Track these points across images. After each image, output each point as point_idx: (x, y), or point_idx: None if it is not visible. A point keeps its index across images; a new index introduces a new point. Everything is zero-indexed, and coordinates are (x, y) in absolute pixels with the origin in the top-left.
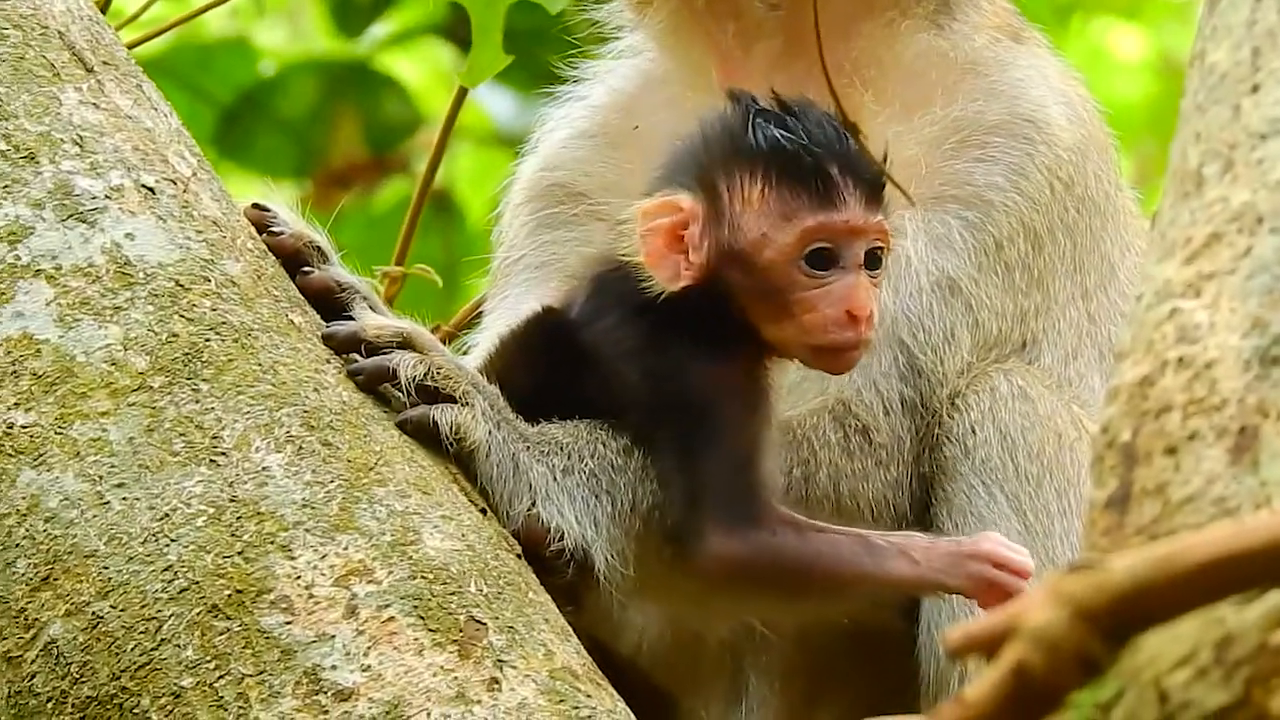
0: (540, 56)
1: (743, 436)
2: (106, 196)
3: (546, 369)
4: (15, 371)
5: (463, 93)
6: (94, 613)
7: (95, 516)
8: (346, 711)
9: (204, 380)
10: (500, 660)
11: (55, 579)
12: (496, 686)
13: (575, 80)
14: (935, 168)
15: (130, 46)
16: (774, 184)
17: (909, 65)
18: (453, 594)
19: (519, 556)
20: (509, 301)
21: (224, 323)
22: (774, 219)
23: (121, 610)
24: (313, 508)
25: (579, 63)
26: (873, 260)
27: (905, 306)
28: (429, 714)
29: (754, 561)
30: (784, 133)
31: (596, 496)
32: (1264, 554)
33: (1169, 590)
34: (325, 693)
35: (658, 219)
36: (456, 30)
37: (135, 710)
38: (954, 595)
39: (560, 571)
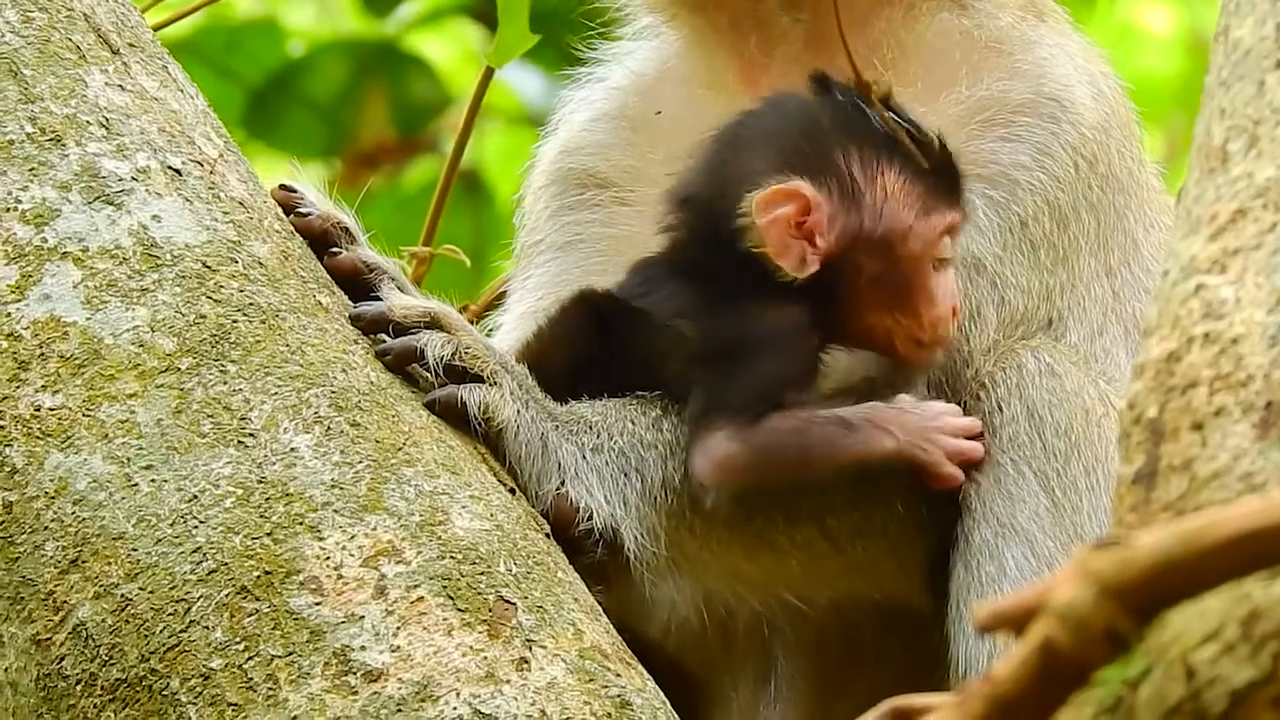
0: (568, 37)
1: (783, 369)
2: (133, 178)
3: (587, 349)
4: (43, 354)
5: (489, 73)
6: (123, 595)
7: (123, 499)
8: (376, 692)
9: (232, 361)
10: (529, 640)
11: (84, 561)
12: (526, 666)
13: (595, 62)
14: (960, 147)
15: (158, 28)
16: (912, 176)
17: (931, 45)
18: (481, 574)
19: (548, 536)
20: (531, 283)
21: (251, 304)
22: (918, 212)
23: (150, 592)
24: (341, 488)
25: (599, 44)
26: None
27: None
28: (458, 694)
29: (742, 466)
30: (907, 122)
31: (625, 474)
32: None
33: (1195, 566)
34: (354, 673)
35: (778, 208)
36: (485, 10)
37: (164, 692)
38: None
39: (589, 550)
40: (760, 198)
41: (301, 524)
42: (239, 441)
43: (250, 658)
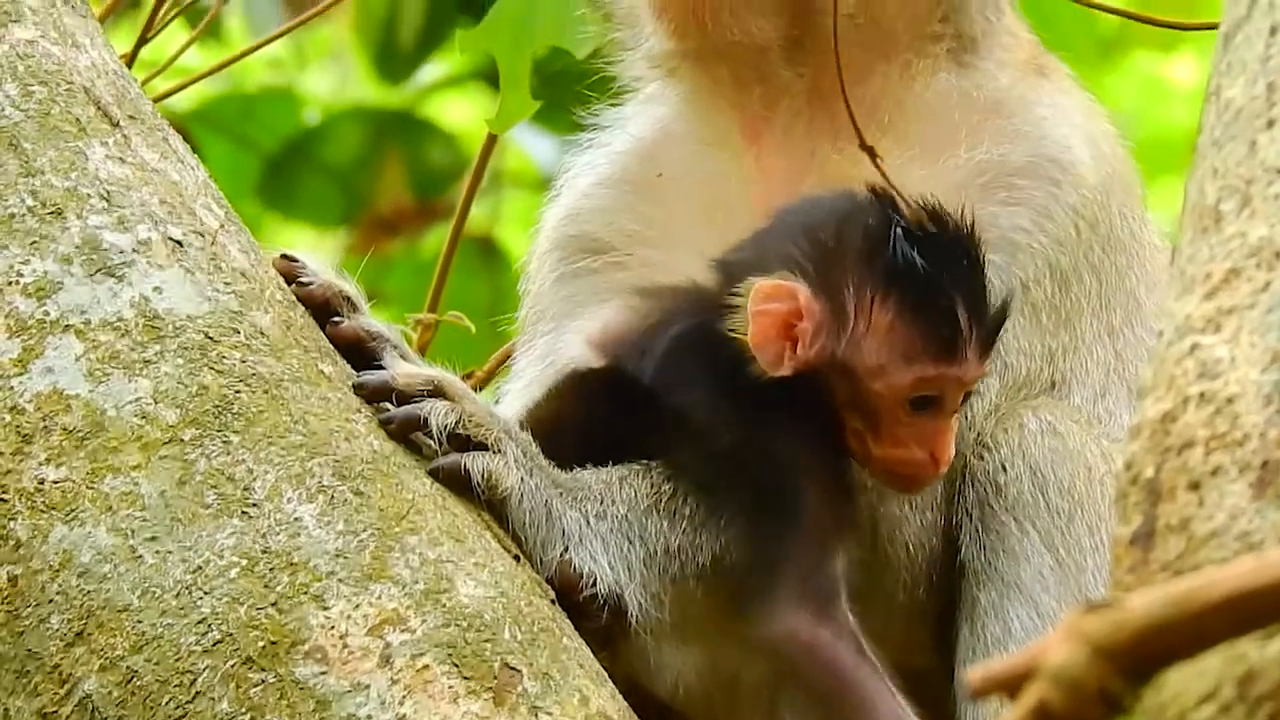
0: (577, 100)
1: (824, 523)
2: (134, 250)
3: (602, 424)
4: (46, 427)
5: (492, 139)
6: (128, 667)
7: (128, 571)
8: None
9: (234, 432)
10: (535, 706)
11: (89, 634)
12: None
13: (599, 126)
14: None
15: (165, 96)
16: (904, 319)
17: (929, 106)
18: (487, 641)
19: (553, 602)
20: (535, 352)
21: (254, 374)
22: (896, 355)
23: (156, 664)
24: (345, 557)
25: (602, 109)
26: (964, 400)
27: None
28: None
29: (813, 651)
30: (924, 261)
31: (630, 541)
32: None
33: (1190, 627)
34: None
35: (772, 303)
36: (497, 75)
37: None
38: None
39: (594, 616)
40: (760, 287)
41: (306, 593)
42: (243, 512)
43: None
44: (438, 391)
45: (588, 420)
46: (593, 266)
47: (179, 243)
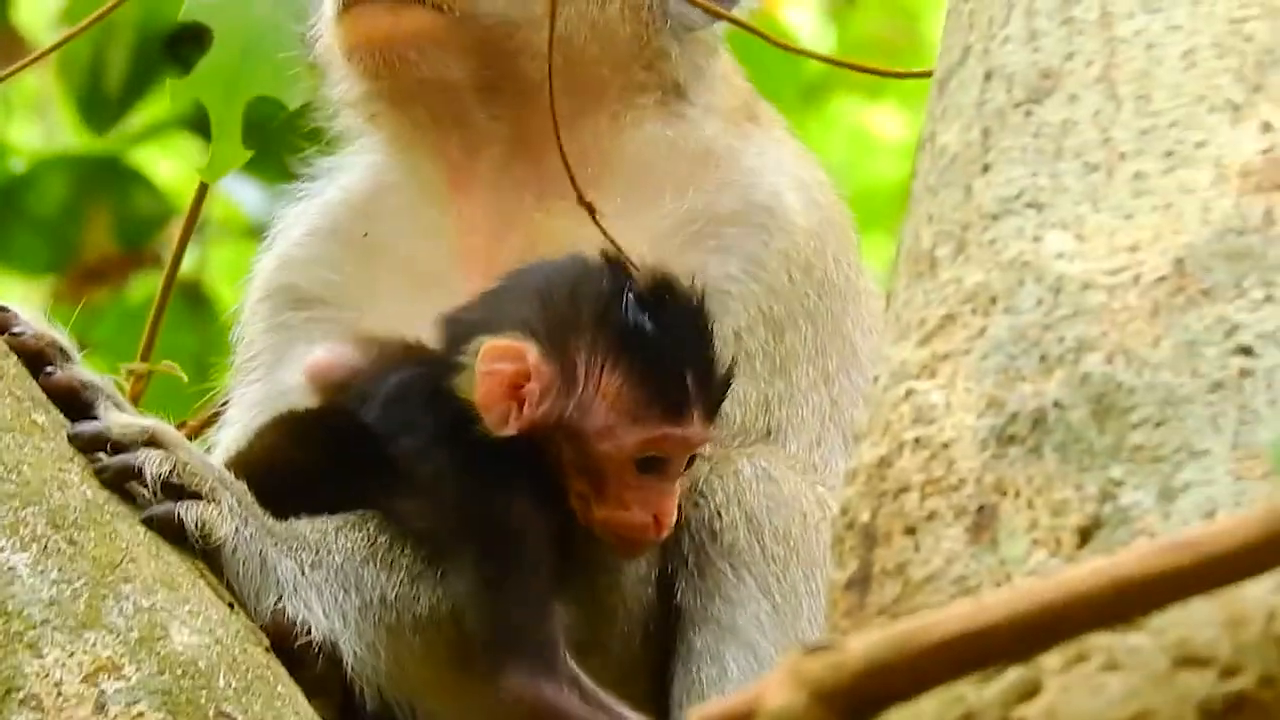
0: (289, 150)
1: (545, 579)
2: None
3: (315, 465)
4: None
5: (204, 187)
6: None
7: None
8: None
9: None
10: None
11: None
12: None
13: (311, 176)
14: (668, 261)
15: None
16: (633, 382)
17: (636, 157)
18: (201, 688)
19: (267, 650)
20: (246, 399)
21: None
22: (623, 416)
23: None
24: (59, 605)
25: (314, 158)
26: (689, 463)
27: None
28: None
29: (540, 711)
30: (654, 325)
31: (345, 590)
32: (1003, 631)
33: (907, 669)
34: None
35: (501, 363)
36: (206, 123)
37: None
38: None
39: (310, 664)
40: (490, 346)
41: (20, 641)
42: None
43: None
44: (152, 441)
45: (301, 461)
46: (302, 317)
47: None
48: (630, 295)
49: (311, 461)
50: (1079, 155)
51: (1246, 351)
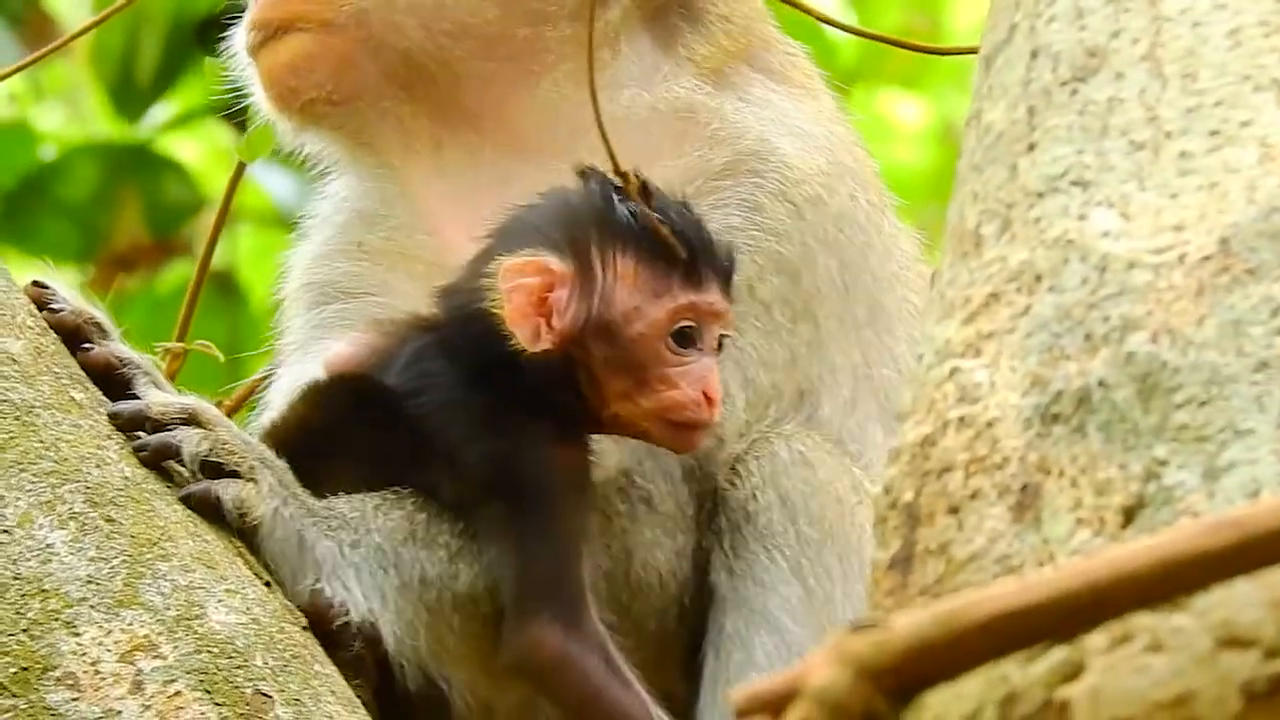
0: None
1: (571, 527)
2: None
3: (346, 430)
4: None
5: (241, 168)
6: None
7: None
8: None
9: None
10: None
11: None
12: None
13: (330, 170)
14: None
15: None
16: (647, 260)
17: (624, 124)
18: (239, 667)
19: (305, 629)
20: (283, 384)
21: (4, 400)
22: (646, 294)
23: None
24: (97, 584)
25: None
26: (721, 345)
27: None
28: None
29: (561, 664)
30: (650, 210)
31: (384, 569)
32: (1046, 610)
33: (951, 648)
34: None
35: (524, 278)
36: (237, 111)
37: None
38: None
39: (347, 645)
40: (509, 264)
41: (58, 620)
42: None
43: None
44: (192, 419)
45: (332, 426)
46: (336, 310)
47: None
48: (621, 194)
49: (340, 427)
50: (1124, 134)
51: None
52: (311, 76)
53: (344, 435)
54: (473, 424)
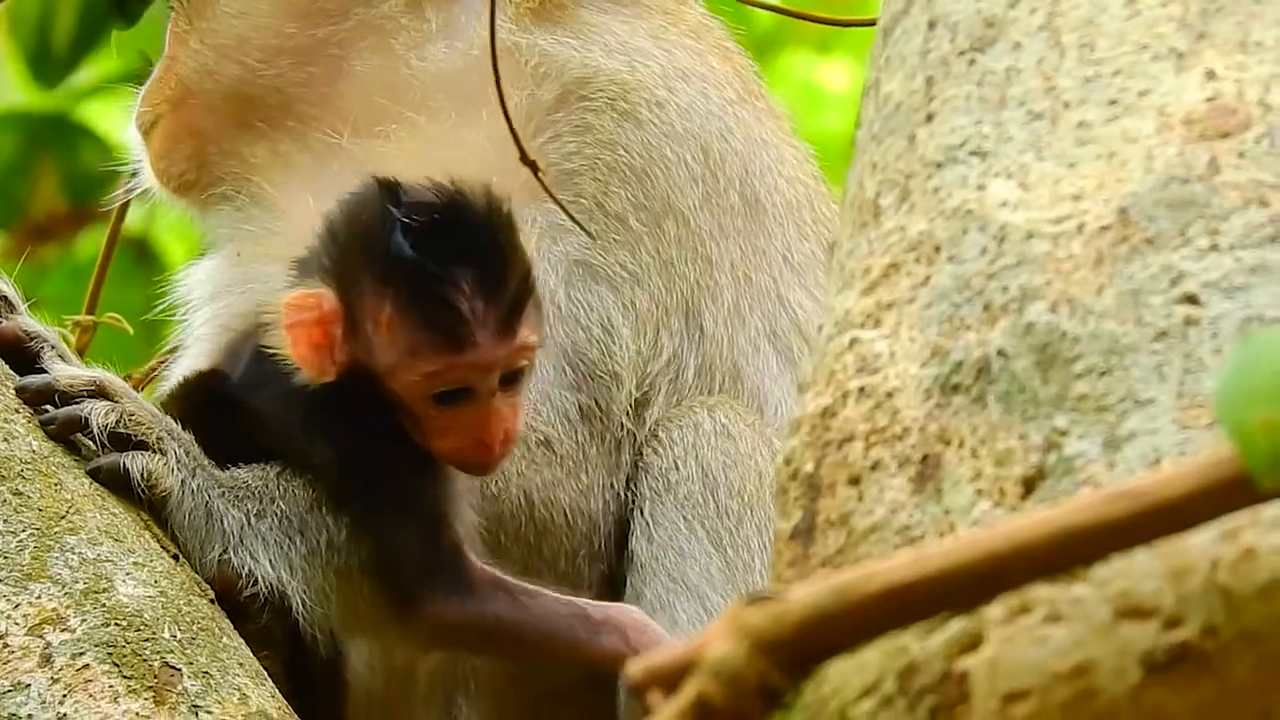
0: None
1: (427, 501)
2: None
3: (211, 427)
4: None
5: None
6: None
7: None
8: None
9: None
10: (195, 705)
11: None
12: None
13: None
14: (515, 162)
15: None
16: (402, 313)
17: (441, 78)
18: (146, 640)
19: (212, 601)
20: (187, 358)
21: None
22: (401, 353)
23: None
24: (5, 557)
25: None
26: (512, 379)
27: (555, 309)
28: None
29: (469, 627)
30: (424, 248)
31: (290, 538)
32: (944, 581)
33: (849, 619)
34: None
35: (303, 313)
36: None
37: None
38: None
39: (255, 617)
40: (290, 300)
41: None
42: None
43: None
44: (100, 392)
45: (197, 420)
46: (242, 287)
47: None
48: (401, 223)
49: (201, 421)
50: (1023, 104)
51: (1191, 300)
52: (178, 156)
53: (209, 429)
54: (310, 420)
